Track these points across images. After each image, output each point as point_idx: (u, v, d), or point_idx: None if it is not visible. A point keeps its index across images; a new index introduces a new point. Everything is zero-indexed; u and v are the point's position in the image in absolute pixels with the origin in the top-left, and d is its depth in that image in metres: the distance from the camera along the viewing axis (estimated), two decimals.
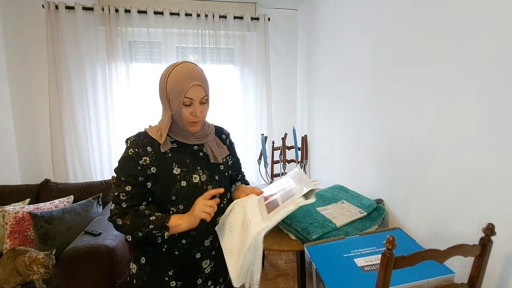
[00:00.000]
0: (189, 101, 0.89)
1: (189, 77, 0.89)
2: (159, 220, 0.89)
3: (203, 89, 0.91)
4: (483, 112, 1.02)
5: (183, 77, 0.89)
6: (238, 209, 0.97)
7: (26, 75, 2.48)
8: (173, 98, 0.90)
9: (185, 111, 0.90)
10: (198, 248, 0.98)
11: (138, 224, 0.88)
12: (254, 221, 0.88)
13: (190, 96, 0.89)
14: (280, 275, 2.30)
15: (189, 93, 0.88)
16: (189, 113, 0.90)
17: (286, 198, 0.90)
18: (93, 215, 2.00)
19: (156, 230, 0.89)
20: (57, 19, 2.38)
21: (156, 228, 0.88)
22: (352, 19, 1.93)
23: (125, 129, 2.61)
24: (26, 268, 1.49)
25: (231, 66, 2.90)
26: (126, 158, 0.91)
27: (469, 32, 1.06)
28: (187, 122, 0.92)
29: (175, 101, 0.90)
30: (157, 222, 0.88)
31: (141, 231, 0.88)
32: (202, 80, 0.91)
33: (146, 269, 0.98)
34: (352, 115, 1.97)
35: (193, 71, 0.91)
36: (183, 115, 0.91)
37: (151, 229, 0.88)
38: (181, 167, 0.94)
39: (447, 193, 1.18)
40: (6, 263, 1.53)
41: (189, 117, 0.91)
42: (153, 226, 0.88)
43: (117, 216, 0.89)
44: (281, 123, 3.05)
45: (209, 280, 1.03)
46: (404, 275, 0.91)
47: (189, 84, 0.88)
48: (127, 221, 0.88)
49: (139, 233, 0.89)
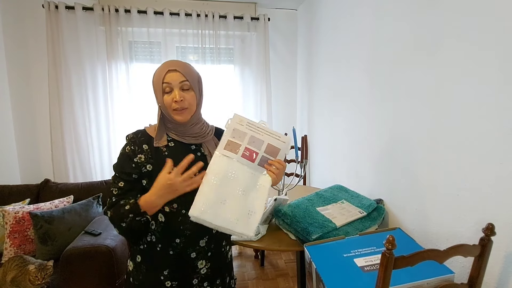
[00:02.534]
0: (167, 86, 0.91)
1: (167, 66, 0.93)
2: (133, 205, 0.87)
3: (180, 73, 0.92)
4: (483, 112, 1.02)
5: (162, 67, 0.93)
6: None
7: (26, 75, 2.48)
8: (156, 89, 0.94)
9: (167, 98, 0.92)
10: (193, 248, 0.97)
11: (119, 215, 0.87)
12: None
13: (167, 80, 0.91)
14: (280, 275, 2.30)
15: (166, 78, 0.91)
16: (171, 100, 0.92)
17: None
18: (93, 215, 2.00)
19: (137, 216, 0.87)
20: (57, 19, 2.38)
21: (135, 214, 0.87)
22: (352, 18, 1.93)
23: (125, 129, 2.61)
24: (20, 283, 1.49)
25: (231, 66, 2.90)
26: (123, 155, 0.94)
27: (469, 31, 1.06)
28: (171, 110, 0.93)
29: (158, 91, 0.93)
30: (132, 207, 0.87)
31: (124, 222, 0.87)
32: (180, 67, 0.93)
33: (142, 268, 0.98)
34: (352, 115, 1.97)
35: (172, 61, 0.95)
36: (165, 103, 0.92)
37: (132, 217, 0.87)
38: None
39: (447, 193, 1.18)
40: (6, 272, 1.52)
41: (172, 104, 0.92)
42: (132, 215, 0.87)
43: (107, 209, 0.91)
44: (281, 123, 3.05)
45: (205, 281, 1.02)
46: (404, 275, 0.91)
47: (165, 70, 0.91)
48: (112, 213, 0.89)
49: (123, 224, 0.88)
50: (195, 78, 0.97)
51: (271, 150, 0.94)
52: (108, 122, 2.60)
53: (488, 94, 1.00)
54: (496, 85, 0.97)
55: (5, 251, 1.80)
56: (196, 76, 0.98)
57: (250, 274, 2.31)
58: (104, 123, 2.60)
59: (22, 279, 1.48)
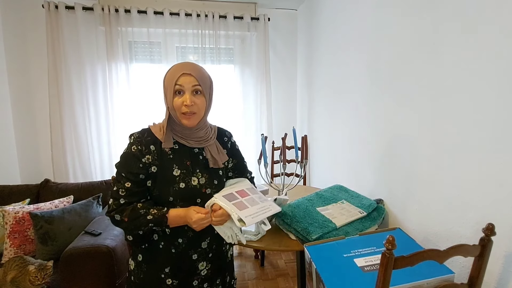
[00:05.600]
0: (179, 88, 0.91)
1: (181, 68, 0.93)
2: (159, 217, 0.90)
3: (194, 78, 0.92)
4: (483, 112, 1.02)
5: (177, 68, 0.93)
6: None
7: (26, 75, 2.48)
8: (167, 89, 0.93)
9: (177, 101, 0.92)
10: (195, 249, 0.98)
11: (137, 223, 0.89)
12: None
13: (180, 82, 0.91)
14: (280, 275, 2.30)
15: (179, 80, 0.91)
16: (181, 103, 0.91)
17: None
18: (93, 215, 2.00)
19: (158, 227, 0.92)
20: (57, 19, 2.38)
21: (157, 225, 0.91)
22: (352, 19, 1.93)
23: (125, 129, 2.61)
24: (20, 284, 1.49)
25: (231, 66, 2.90)
26: (129, 154, 0.92)
27: (469, 33, 1.06)
28: (180, 113, 0.93)
29: (169, 91, 0.93)
30: (157, 218, 0.90)
31: (141, 230, 0.91)
32: (194, 71, 0.93)
33: (143, 267, 0.98)
34: (352, 115, 1.97)
35: (187, 64, 0.95)
36: (175, 105, 0.92)
37: (151, 227, 0.91)
38: (181, 169, 0.95)
39: (447, 193, 1.18)
40: (6, 273, 1.52)
41: (182, 107, 0.91)
42: (153, 224, 0.90)
43: (115, 212, 0.90)
44: (281, 123, 3.05)
45: (205, 282, 1.02)
46: (404, 275, 0.90)
47: (180, 73, 0.91)
48: (125, 218, 0.89)
49: (140, 232, 0.92)
50: (208, 83, 0.97)
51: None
52: (108, 122, 2.60)
53: (489, 94, 1.00)
54: (497, 85, 0.97)
55: (5, 251, 1.80)
56: (208, 81, 0.98)
57: (250, 274, 2.32)
58: (104, 123, 2.60)
59: (22, 280, 1.48)
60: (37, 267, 1.50)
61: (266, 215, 0.98)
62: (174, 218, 0.91)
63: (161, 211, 0.91)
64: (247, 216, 0.92)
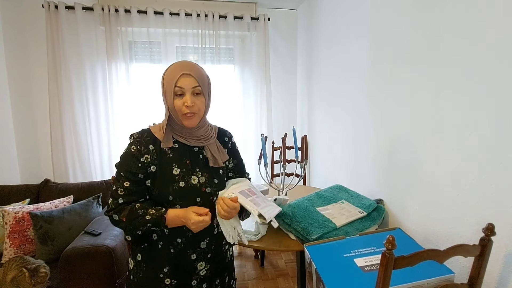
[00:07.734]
0: (180, 90, 0.91)
1: (180, 68, 0.92)
2: (157, 217, 0.90)
3: (194, 79, 0.91)
4: (483, 112, 1.02)
5: (175, 69, 0.92)
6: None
7: (26, 75, 2.48)
8: (166, 90, 0.93)
9: (177, 102, 0.92)
10: (193, 249, 0.98)
11: (135, 223, 0.90)
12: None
13: (180, 84, 0.90)
14: (280, 275, 2.30)
15: (179, 81, 0.90)
16: (182, 104, 0.91)
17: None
18: (93, 215, 2.00)
19: (156, 227, 0.92)
20: (57, 19, 2.38)
21: (156, 225, 0.91)
22: (352, 18, 1.93)
23: (125, 129, 2.61)
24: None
25: (231, 66, 2.90)
26: (128, 154, 0.93)
27: (468, 33, 1.06)
28: (181, 114, 0.93)
29: (168, 92, 0.92)
30: (156, 219, 0.90)
31: (140, 230, 0.91)
32: (194, 71, 0.92)
33: (142, 266, 0.99)
34: (352, 115, 1.97)
35: (186, 64, 0.94)
36: (176, 106, 0.92)
37: (149, 227, 0.91)
38: (180, 168, 0.95)
39: (447, 193, 1.18)
40: (6, 273, 1.52)
41: (182, 108, 0.91)
42: (151, 225, 0.91)
43: (113, 211, 0.91)
44: (281, 123, 3.05)
45: (205, 282, 1.02)
46: (404, 275, 0.91)
47: (179, 73, 0.90)
48: (123, 218, 0.90)
49: (138, 232, 0.92)
50: (206, 82, 0.97)
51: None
52: (108, 122, 2.60)
53: (488, 94, 1.00)
54: (496, 85, 0.97)
55: (5, 251, 1.80)
56: (207, 80, 0.98)
57: (250, 274, 2.31)
58: (104, 123, 2.60)
59: (22, 280, 1.48)
60: (30, 273, 1.49)
61: (275, 213, 0.99)
62: (172, 218, 0.91)
63: (159, 211, 0.91)
64: (266, 212, 0.94)
